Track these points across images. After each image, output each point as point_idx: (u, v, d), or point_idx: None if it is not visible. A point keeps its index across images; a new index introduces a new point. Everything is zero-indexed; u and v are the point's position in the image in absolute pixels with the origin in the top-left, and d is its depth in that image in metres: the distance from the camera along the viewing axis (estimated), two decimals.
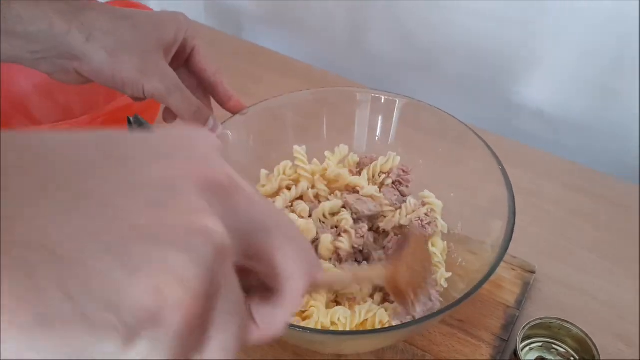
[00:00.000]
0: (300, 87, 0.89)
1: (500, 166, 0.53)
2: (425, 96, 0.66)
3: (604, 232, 0.70)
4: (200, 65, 0.55)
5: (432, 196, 0.59)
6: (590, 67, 0.79)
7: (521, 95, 0.89)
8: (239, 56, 0.99)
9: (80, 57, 0.47)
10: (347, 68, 1.03)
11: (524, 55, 0.85)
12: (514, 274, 0.63)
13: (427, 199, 0.59)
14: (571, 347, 0.55)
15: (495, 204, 0.54)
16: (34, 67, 0.48)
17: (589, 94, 0.82)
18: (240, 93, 0.88)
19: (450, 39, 0.90)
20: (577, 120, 0.85)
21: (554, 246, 0.69)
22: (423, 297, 0.43)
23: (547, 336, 0.56)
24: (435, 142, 0.63)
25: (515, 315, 0.60)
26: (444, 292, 0.54)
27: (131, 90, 0.49)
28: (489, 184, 0.56)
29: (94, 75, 0.48)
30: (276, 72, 0.95)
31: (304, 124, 0.66)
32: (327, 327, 0.47)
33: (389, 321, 0.49)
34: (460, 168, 0.61)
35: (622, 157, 0.83)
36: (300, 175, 0.61)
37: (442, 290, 0.54)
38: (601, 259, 0.67)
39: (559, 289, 0.64)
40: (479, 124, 0.67)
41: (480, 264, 0.52)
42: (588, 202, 0.74)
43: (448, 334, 0.58)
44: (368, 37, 1.00)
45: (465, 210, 0.60)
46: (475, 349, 0.57)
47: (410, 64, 0.97)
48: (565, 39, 0.79)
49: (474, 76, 0.91)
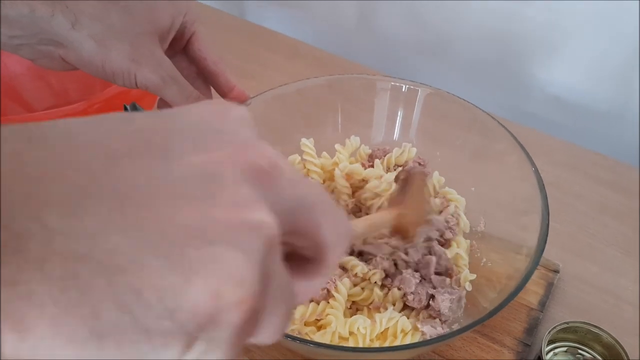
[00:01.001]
0: (307, 70, 0.86)
1: (529, 160, 0.50)
2: (438, 81, 0.63)
3: (631, 228, 0.67)
4: (200, 53, 0.51)
5: (453, 192, 0.56)
6: (617, 53, 0.76)
7: (541, 80, 0.85)
8: (243, 38, 0.96)
9: (65, 44, 0.43)
10: (355, 51, 0.99)
11: (546, 38, 0.81)
12: (537, 273, 0.60)
13: (449, 195, 0.55)
14: (599, 353, 0.53)
15: (522, 201, 0.51)
16: (15, 52, 0.44)
17: (614, 81, 0.79)
18: (244, 76, 0.85)
19: (465, 20, 0.86)
20: (601, 109, 0.82)
21: (578, 243, 0.65)
22: (426, 230, 0.47)
23: (572, 340, 0.53)
24: (456, 134, 0.60)
25: (538, 317, 0.56)
26: (469, 295, 0.51)
27: (122, 81, 0.45)
28: (515, 180, 0.53)
29: (81, 63, 0.44)
30: (281, 54, 0.92)
31: (314, 114, 0.63)
32: (346, 337, 0.44)
33: (412, 329, 0.45)
34: (482, 161, 0.58)
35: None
36: (310, 170, 0.58)
37: (466, 292, 0.51)
38: (628, 256, 0.64)
39: (584, 289, 0.61)
40: (495, 111, 0.64)
41: (507, 265, 0.49)
42: (614, 195, 0.71)
43: (468, 339, 0.54)
44: (377, 18, 0.96)
45: (488, 207, 0.57)
46: (496, 355, 0.53)
47: (422, 46, 0.94)
48: (592, 22, 0.76)
49: (490, 60, 0.88)
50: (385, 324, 0.45)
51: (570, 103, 0.85)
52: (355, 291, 0.50)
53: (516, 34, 0.83)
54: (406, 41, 0.95)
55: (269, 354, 0.53)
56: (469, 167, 0.59)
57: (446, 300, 0.48)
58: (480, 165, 0.58)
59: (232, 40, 0.94)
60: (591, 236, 0.66)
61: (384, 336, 0.46)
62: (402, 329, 0.45)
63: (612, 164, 0.74)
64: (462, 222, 0.55)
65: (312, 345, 0.37)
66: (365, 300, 0.49)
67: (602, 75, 0.79)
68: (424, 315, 0.49)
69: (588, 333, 0.52)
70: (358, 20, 0.99)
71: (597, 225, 0.67)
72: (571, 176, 0.73)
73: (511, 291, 0.40)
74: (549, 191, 0.69)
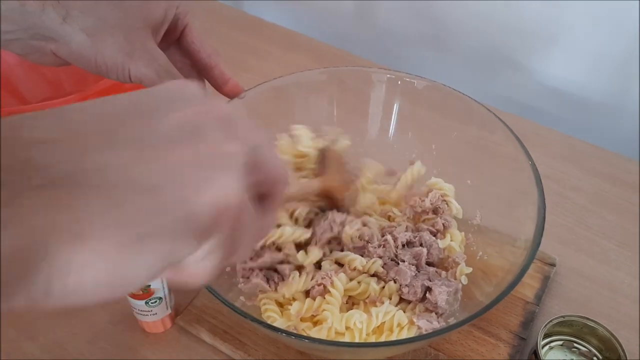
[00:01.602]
0: (306, 62, 0.86)
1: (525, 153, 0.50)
2: (437, 73, 0.63)
3: (628, 221, 0.66)
4: (193, 45, 0.50)
5: (439, 181, 0.56)
6: (617, 45, 0.75)
7: (540, 73, 0.84)
8: (240, 29, 0.95)
9: (56, 38, 0.42)
10: (353, 42, 0.98)
11: (545, 31, 0.80)
12: (533, 267, 0.60)
13: (435, 185, 0.55)
14: (595, 346, 0.52)
15: (518, 194, 0.50)
16: (6, 48, 0.43)
17: (612, 74, 0.78)
18: (241, 68, 0.84)
19: (466, 13, 0.85)
20: (600, 101, 0.82)
21: (575, 236, 0.65)
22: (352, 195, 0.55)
23: (568, 334, 0.53)
24: (452, 127, 0.59)
25: (534, 311, 0.56)
26: (465, 288, 0.51)
27: (116, 75, 0.44)
28: (511, 173, 0.52)
29: (72, 58, 0.44)
30: (280, 46, 0.91)
31: (309, 106, 0.62)
32: (342, 332, 0.43)
33: (408, 324, 0.45)
34: (478, 154, 0.57)
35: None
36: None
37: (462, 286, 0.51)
38: (625, 249, 0.64)
39: (581, 283, 0.61)
40: (493, 103, 0.63)
41: (503, 259, 0.49)
42: (611, 188, 0.70)
43: (463, 332, 0.54)
44: (376, 10, 0.95)
45: (484, 200, 0.56)
46: (492, 348, 0.53)
47: (420, 38, 0.93)
48: (592, 15, 0.75)
49: (489, 52, 0.87)
50: (382, 318, 0.44)
51: (569, 95, 0.84)
52: (352, 285, 0.50)
53: (515, 27, 0.82)
54: (404, 33, 0.94)
55: (266, 349, 0.53)
56: (465, 160, 0.59)
57: (443, 292, 0.48)
58: (476, 158, 0.58)
59: (229, 31, 0.93)
60: (588, 229, 0.66)
61: (380, 330, 0.46)
62: (398, 323, 0.45)
63: (610, 157, 0.74)
64: (454, 207, 0.55)
65: (308, 341, 0.37)
66: (362, 294, 0.49)
67: (602, 67, 0.79)
68: (420, 308, 0.49)
69: (584, 327, 0.52)
70: (356, 12, 0.98)
71: (594, 218, 0.67)
72: (569, 169, 0.73)
73: (507, 285, 0.40)
74: (546, 184, 0.68)
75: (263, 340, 0.53)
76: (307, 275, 0.50)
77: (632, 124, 0.80)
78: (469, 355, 0.53)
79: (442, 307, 0.48)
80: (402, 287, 0.49)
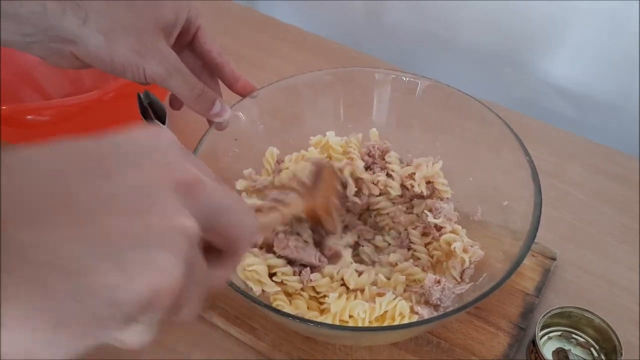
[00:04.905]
0: (315, 60, 0.87)
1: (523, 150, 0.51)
2: (443, 71, 0.64)
3: (628, 217, 0.68)
4: (205, 46, 0.52)
5: (426, 161, 0.57)
6: (619, 44, 0.76)
7: (544, 71, 0.85)
8: (252, 27, 0.96)
9: (76, 40, 0.44)
10: (362, 41, 1.00)
11: (549, 30, 0.81)
12: (534, 260, 0.62)
13: (413, 164, 0.58)
14: (592, 337, 0.54)
15: (517, 189, 0.52)
16: (27, 50, 0.44)
17: (615, 72, 0.79)
18: (252, 65, 0.86)
19: (472, 11, 0.86)
20: (602, 100, 0.82)
21: (576, 231, 0.67)
22: (337, 215, 0.53)
23: (567, 325, 0.55)
24: (454, 124, 0.61)
25: (534, 303, 0.58)
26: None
27: (132, 75, 0.46)
28: (509, 169, 0.54)
29: (91, 59, 0.45)
30: (290, 44, 0.92)
31: (317, 105, 0.64)
32: (346, 321, 0.46)
33: (409, 313, 0.47)
34: (480, 152, 0.59)
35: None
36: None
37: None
38: (625, 245, 0.65)
39: (580, 276, 0.62)
40: (498, 101, 0.64)
41: (501, 252, 0.51)
42: (612, 185, 0.71)
43: (465, 321, 0.56)
44: (385, 10, 0.96)
45: (485, 196, 0.58)
46: (492, 337, 0.55)
47: (428, 37, 0.94)
48: (595, 13, 0.76)
49: (494, 51, 0.88)
50: (385, 307, 0.46)
51: (572, 93, 0.85)
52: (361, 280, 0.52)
53: (520, 26, 0.83)
54: (412, 32, 0.95)
55: (275, 333, 0.55)
56: (468, 157, 0.60)
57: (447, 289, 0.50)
58: (477, 154, 0.59)
59: (240, 29, 0.95)
60: (589, 224, 0.67)
61: (382, 319, 0.48)
62: (400, 312, 0.47)
63: (612, 154, 0.75)
64: (440, 185, 0.57)
65: (312, 325, 0.40)
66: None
67: (604, 66, 0.79)
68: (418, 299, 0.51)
69: (581, 318, 0.53)
70: (366, 11, 0.99)
71: (595, 214, 0.68)
72: (571, 165, 0.74)
73: (502, 276, 0.41)
74: (549, 180, 0.71)
75: (272, 325, 0.55)
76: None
77: (633, 122, 0.81)
78: (470, 343, 0.55)
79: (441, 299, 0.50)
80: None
